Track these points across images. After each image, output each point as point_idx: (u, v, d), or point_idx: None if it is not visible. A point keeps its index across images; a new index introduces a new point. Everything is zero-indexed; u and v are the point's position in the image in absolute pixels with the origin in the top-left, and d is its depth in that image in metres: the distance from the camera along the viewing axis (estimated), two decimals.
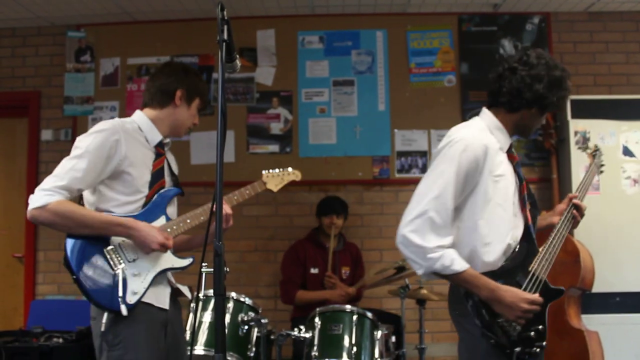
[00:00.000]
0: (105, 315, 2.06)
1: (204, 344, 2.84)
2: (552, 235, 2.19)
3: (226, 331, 2.54)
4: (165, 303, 2.23)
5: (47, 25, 4.53)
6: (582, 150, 3.29)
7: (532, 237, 2.13)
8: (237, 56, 1.77)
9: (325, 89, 4.36)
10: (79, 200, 2.21)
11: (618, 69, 4.35)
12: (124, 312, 2.05)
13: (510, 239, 2.07)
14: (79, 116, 4.43)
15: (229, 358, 2.72)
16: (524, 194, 2.13)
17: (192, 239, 2.43)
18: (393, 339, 3.18)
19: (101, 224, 2.08)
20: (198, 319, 2.88)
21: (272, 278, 4.25)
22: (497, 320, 1.99)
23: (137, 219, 2.15)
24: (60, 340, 3.62)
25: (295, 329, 2.97)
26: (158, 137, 2.30)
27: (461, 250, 2.01)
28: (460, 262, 1.96)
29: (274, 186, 2.74)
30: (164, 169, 2.31)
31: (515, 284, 2.01)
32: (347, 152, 4.31)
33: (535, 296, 2.00)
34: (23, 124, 4.58)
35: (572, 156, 3.91)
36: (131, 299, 2.08)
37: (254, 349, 2.89)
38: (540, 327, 2.00)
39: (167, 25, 4.44)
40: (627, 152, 3.91)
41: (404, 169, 4.29)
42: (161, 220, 2.24)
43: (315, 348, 2.91)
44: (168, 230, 2.23)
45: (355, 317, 2.99)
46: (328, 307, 3.08)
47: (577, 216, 2.32)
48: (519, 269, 2.05)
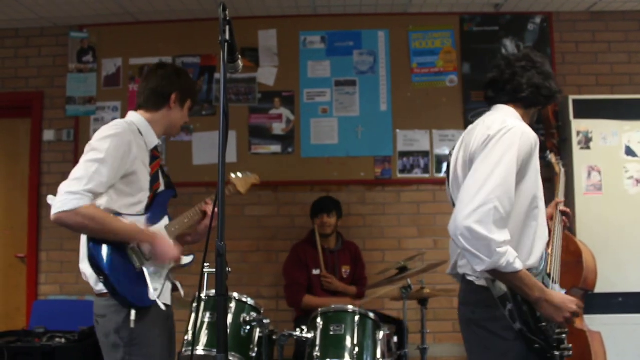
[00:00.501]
0: (121, 312, 2.08)
1: (206, 344, 2.84)
2: (553, 239, 2.19)
3: (228, 331, 2.54)
4: (169, 299, 2.29)
5: (49, 26, 4.54)
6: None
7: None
8: (239, 56, 1.77)
9: (327, 89, 4.36)
10: None
11: (620, 69, 4.34)
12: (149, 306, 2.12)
13: (546, 238, 2.02)
14: (81, 116, 4.44)
15: (230, 358, 2.72)
16: None
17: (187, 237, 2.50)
18: (395, 339, 3.18)
19: (127, 232, 2.11)
20: (200, 319, 2.88)
21: (274, 278, 4.25)
22: (539, 324, 1.90)
23: (147, 221, 2.22)
24: (63, 340, 3.63)
25: (298, 329, 2.96)
26: (155, 141, 2.33)
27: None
28: (519, 260, 1.83)
29: (242, 188, 2.76)
30: (159, 171, 2.36)
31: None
32: (349, 153, 4.31)
33: (576, 300, 1.95)
34: (26, 124, 4.59)
35: (574, 156, 3.91)
36: (153, 295, 2.15)
37: (256, 349, 2.89)
38: (567, 330, 1.96)
39: (169, 26, 4.44)
40: (629, 152, 3.90)
41: (406, 169, 4.29)
42: (165, 220, 2.31)
43: (317, 348, 2.91)
44: (172, 230, 2.30)
45: (357, 317, 2.98)
46: (330, 307, 3.07)
47: (565, 222, 2.30)
48: (544, 271, 2.01)
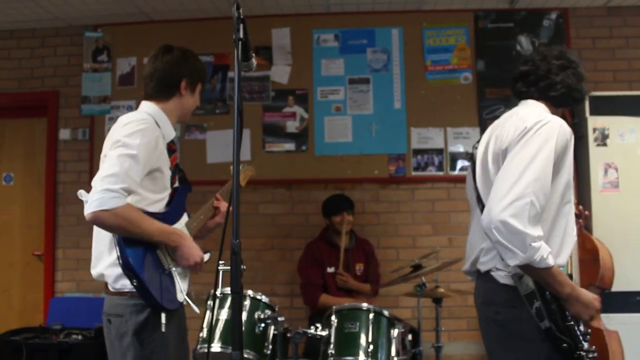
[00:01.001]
0: (141, 313, 2.03)
1: (221, 341, 2.86)
2: None
3: (243, 329, 2.55)
4: (188, 298, 2.27)
5: (65, 26, 4.58)
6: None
7: None
8: (253, 54, 1.76)
9: (341, 87, 4.35)
10: None
11: (638, 65, 4.27)
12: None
13: (575, 236, 1.99)
14: (96, 115, 4.48)
15: (245, 355, 2.74)
16: None
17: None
18: (409, 337, 3.17)
19: (160, 233, 2.06)
20: (215, 316, 2.89)
21: (288, 276, 4.26)
22: (567, 323, 1.87)
23: (169, 218, 2.16)
24: (79, 337, 3.67)
25: (312, 327, 2.97)
26: (172, 133, 2.24)
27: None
28: (551, 256, 1.79)
29: (241, 180, 2.71)
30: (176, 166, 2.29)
31: None
32: (362, 150, 4.30)
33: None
34: (42, 123, 4.64)
35: (591, 153, 3.86)
36: (181, 297, 2.13)
37: (270, 346, 2.90)
38: (590, 332, 1.94)
39: (183, 25, 4.46)
40: None
41: (420, 167, 4.27)
42: (184, 218, 2.27)
43: (332, 346, 2.91)
44: (191, 227, 2.26)
45: (371, 315, 2.98)
46: (345, 305, 3.07)
47: (581, 224, 2.29)
48: (565, 271, 1.99)
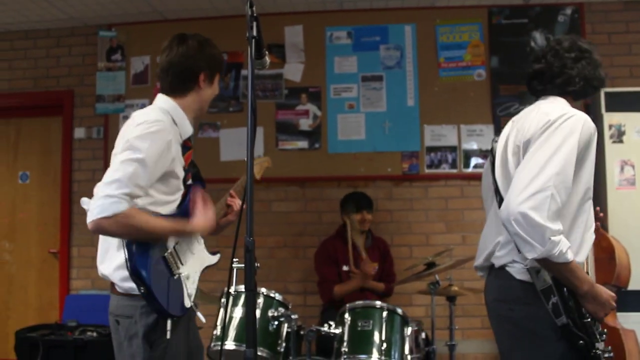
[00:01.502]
0: (151, 314, 1.98)
1: (235, 339, 2.87)
2: None
3: (256, 326, 2.56)
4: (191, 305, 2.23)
5: (79, 26, 4.61)
6: None
7: None
8: (266, 52, 1.76)
9: (354, 85, 4.34)
10: None
11: None
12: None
13: (592, 236, 1.95)
14: (111, 114, 4.51)
15: (259, 353, 2.74)
16: None
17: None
18: (423, 335, 3.16)
19: (170, 232, 2.04)
20: (229, 314, 2.90)
21: (301, 274, 4.26)
22: (584, 320, 1.84)
23: (181, 217, 2.13)
24: (94, 334, 3.70)
25: (325, 325, 2.97)
26: (189, 130, 2.18)
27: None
28: (570, 251, 1.76)
29: (256, 173, 2.68)
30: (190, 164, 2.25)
31: None
32: (376, 148, 4.28)
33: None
34: (57, 122, 4.68)
35: (607, 150, 3.82)
36: (188, 302, 2.08)
37: (283, 344, 2.91)
38: (606, 332, 1.92)
39: (196, 23, 4.45)
40: None
41: (433, 165, 4.25)
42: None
43: (345, 344, 2.91)
44: None
45: (385, 313, 2.98)
46: (358, 303, 3.07)
47: (597, 226, 2.27)
48: None
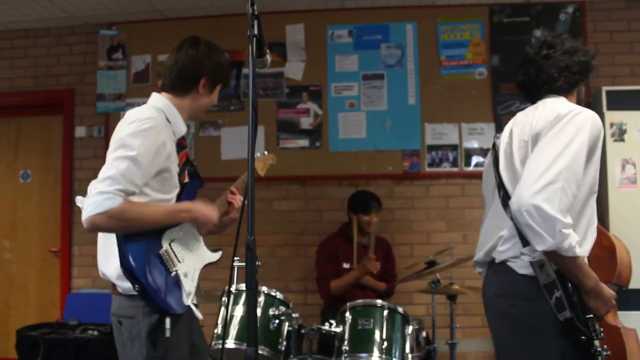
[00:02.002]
0: (153, 314, 1.98)
1: (236, 337, 2.87)
2: None
3: (257, 325, 2.56)
4: (195, 298, 2.21)
5: (80, 25, 4.61)
6: None
7: None
8: (268, 51, 1.75)
9: (355, 83, 4.34)
10: None
11: None
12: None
13: (595, 234, 1.95)
14: (112, 113, 4.50)
15: (260, 352, 2.74)
16: None
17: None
18: (424, 334, 3.16)
19: (168, 215, 2.02)
20: (229, 312, 2.90)
21: (302, 272, 4.26)
22: (586, 315, 1.84)
23: None
24: (95, 332, 3.71)
25: (326, 324, 2.97)
26: (183, 129, 2.17)
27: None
28: (578, 245, 1.76)
29: (260, 170, 2.67)
30: (185, 162, 2.25)
31: None
32: (377, 146, 4.28)
33: None
34: (58, 121, 4.69)
35: (608, 149, 3.81)
36: (187, 299, 2.05)
37: (284, 342, 2.91)
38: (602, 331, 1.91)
39: (197, 22, 4.47)
40: None
41: (434, 163, 4.25)
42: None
43: (346, 343, 2.91)
44: None
45: (386, 312, 2.98)
46: (358, 301, 3.07)
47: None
48: None
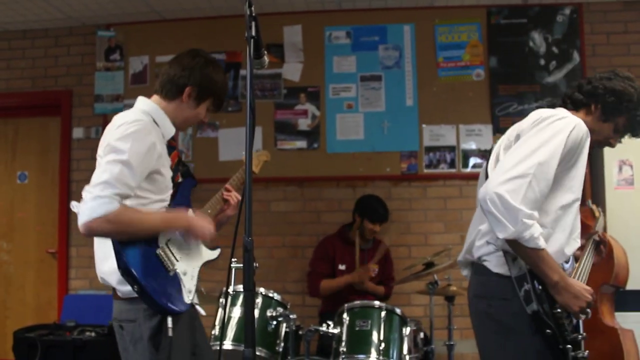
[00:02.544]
0: (154, 316, 1.98)
1: (233, 338, 2.87)
2: (582, 260, 2.19)
3: (255, 326, 2.55)
4: (196, 298, 2.22)
5: (78, 26, 4.61)
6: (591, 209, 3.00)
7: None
8: (265, 52, 1.75)
9: (353, 85, 4.34)
10: None
11: None
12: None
13: (577, 236, 1.99)
14: (109, 114, 4.49)
15: (257, 353, 2.74)
16: None
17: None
18: (421, 335, 3.16)
19: (165, 222, 2.02)
20: (227, 314, 2.90)
21: (300, 274, 4.25)
22: (554, 310, 1.88)
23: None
24: (93, 334, 3.70)
25: (324, 325, 2.97)
26: (171, 131, 2.16)
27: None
28: (543, 238, 1.83)
29: (255, 167, 2.67)
30: (177, 163, 2.29)
31: None
32: (374, 148, 4.28)
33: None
34: (55, 122, 4.68)
35: (605, 150, 3.81)
36: (188, 298, 2.05)
37: (282, 344, 2.91)
38: (585, 334, 1.94)
39: (194, 23, 4.47)
40: None
41: (432, 164, 4.25)
42: (190, 213, 2.21)
43: (344, 344, 2.91)
44: None
45: (383, 313, 2.98)
46: (356, 303, 3.07)
47: (602, 250, 2.31)
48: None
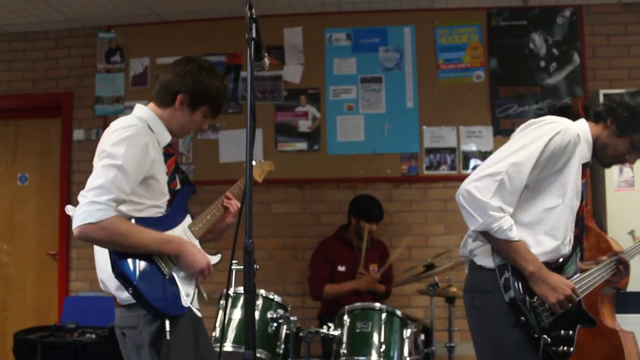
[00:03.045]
0: (154, 322, 1.97)
1: (234, 340, 2.87)
2: (593, 269, 2.18)
3: (255, 328, 2.55)
4: (196, 302, 2.21)
5: (78, 27, 4.61)
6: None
7: (576, 259, 2.10)
8: (266, 54, 1.75)
9: (353, 86, 4.34)
10: None
11: None
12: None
13: (566, 242, 2.02)
14: (110, 116, 4.49)
15: (258, 355, 2.74)
16: (580, 214, 2.09)
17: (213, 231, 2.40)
18: (422, 337, 3.16)
19: (156, 242, 1.98)
20: (227, 315, 2.90)
21: (300, 275, 4.25)
22: (531, 299, 1.93)
23: (168, 222, 2.10)
24: (93, 335, 3.70)
25: (324, 327, 2.97)
26: (167, 138, 2.14)
27: (519, 230, 1.96)
28: (516, 231, 1.90)
29: (258, 177, 2.66)
30: (175, 169, 2.22)
31: None
32: (375, 149, 4.28)
33: (575, 287, 1.96)
34: (56, 124, 4.68)
35: None
36: (186, 301, 2.04)
37: (282, 346, 2.91)
38: (571, 333, 1.96)
39: (195, 25, 4.47)
40: None
41: (432, 166, 4.25)
42: (187, 220, 2.22)
43: (344, 346, 2.91)
44: (196, 229, 2.21)
45: (384, 315, 2.98)
46: (357, 304, 3.07)
47: (621, 270, 2.28)
48: (572, 267, 2.03)
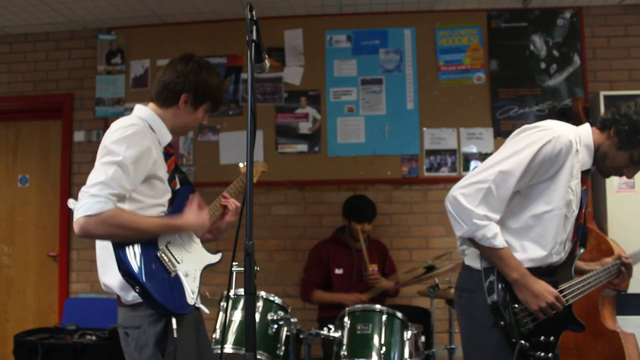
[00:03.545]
0: (158, 322, 1.98)
1: (234, 342, 2.87)
2: (590, 274, 2.17)
3: (256, 330, 2.55)
4: (199, 301, 2.22)
5: (79, 29, 4.62)
6: None
7: (572, 266, 2.10)
8: (266, 56, 1.76)
9: (354, 88, 4.34)
10: None
11: None
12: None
13: (554, 251, 2.03)
14: (110, 117, 4.50)
15: (258, 357, 2.74)
16: (580, 222, 2.09)
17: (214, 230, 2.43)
18: (422, 338, 3.16)
19: (161, 227, 2.01)
20: (228, 317, 2.90)
21: (300, 277, 4.25)
22: (513, 305, 1.96)
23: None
24: (94, 337, 3.70)
25: (325, 328, 2.97)
26: (168, 138, 2.17)
27: (507, 236, 1.99)
28: (501, 239, 1.94)
29: (253, 177, 2.69)
30: (174, 169, 2.23)
31: None
32: (375, 151, 4.29)
33: (559, 295, 1.97)
34: (57, 125, 4.69)
35: None
36: (192, 299, 2.05)
37: (283, 347, 2.91)
38: (552, 339, 1.96)
39: (195, 27, 4.48)
40: None
41: (433, 168, 4.25)
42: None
43: (345, 347, 2.91)
44: None
45: (384, 317, 2.98)
46: (357, 306, 3.07)
47: (624, 273, 2.27)
48: (551, 283, 2.01)
